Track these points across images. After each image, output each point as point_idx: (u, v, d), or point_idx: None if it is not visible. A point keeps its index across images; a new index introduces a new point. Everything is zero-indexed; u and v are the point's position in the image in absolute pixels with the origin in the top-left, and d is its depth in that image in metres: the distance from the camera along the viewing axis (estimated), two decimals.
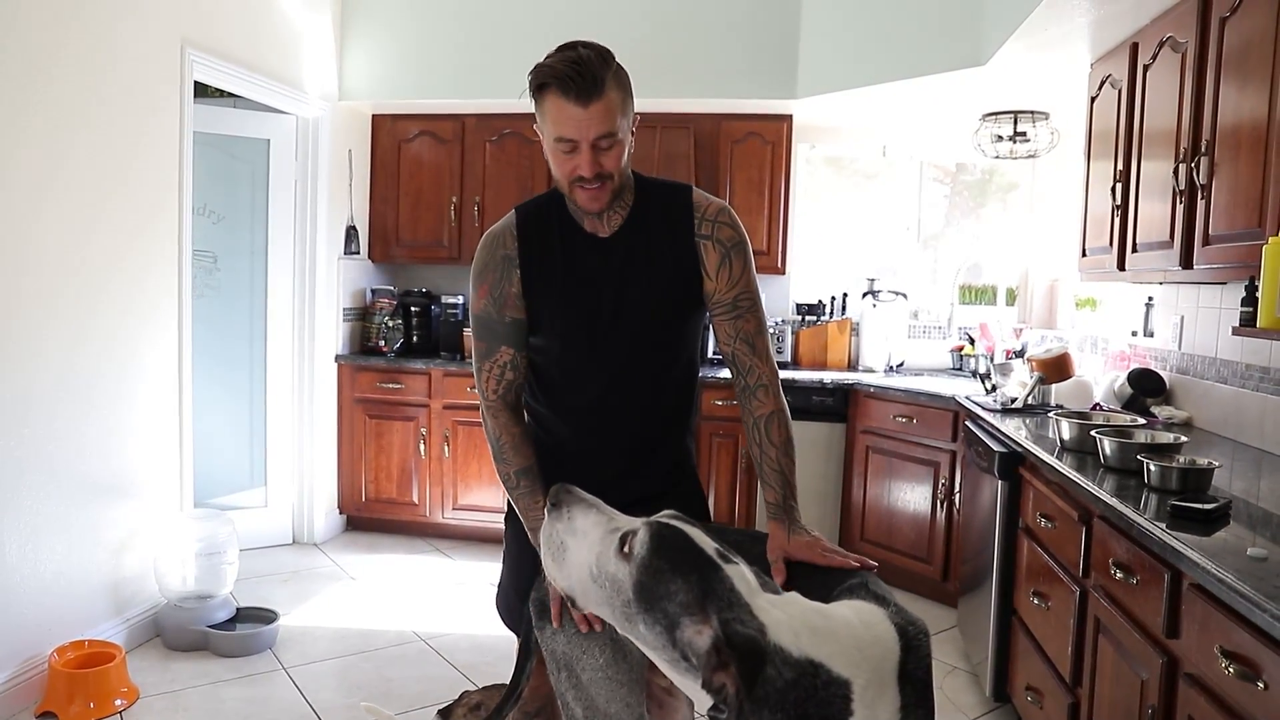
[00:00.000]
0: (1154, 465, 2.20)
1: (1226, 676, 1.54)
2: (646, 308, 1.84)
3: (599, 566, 1.27)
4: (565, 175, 1.74)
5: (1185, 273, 2.70)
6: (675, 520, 1.28)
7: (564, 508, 1.36)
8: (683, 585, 1.18)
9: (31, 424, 2.98)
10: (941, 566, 4.06)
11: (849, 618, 1.25)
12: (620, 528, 1.29)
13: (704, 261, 1.82)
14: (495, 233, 1.86)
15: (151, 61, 3.48)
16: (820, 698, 1.15)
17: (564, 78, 1.65)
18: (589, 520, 1.33)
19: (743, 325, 1.83)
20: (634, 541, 1.24)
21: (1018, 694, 2.88)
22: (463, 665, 3.39)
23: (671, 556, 1.21)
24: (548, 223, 1.83)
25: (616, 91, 1.68)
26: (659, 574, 1.20)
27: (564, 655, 1.69)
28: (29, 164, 2.93)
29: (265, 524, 4.72)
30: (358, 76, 4.89)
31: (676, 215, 1.83)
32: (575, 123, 1.67)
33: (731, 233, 1.83)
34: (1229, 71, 2.45)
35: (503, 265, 1.83)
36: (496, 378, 1.86)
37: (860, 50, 4.21)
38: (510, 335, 1.85)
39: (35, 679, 2.97)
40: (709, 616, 1.16)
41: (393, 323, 5.04)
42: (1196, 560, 1.65)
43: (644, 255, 1.82)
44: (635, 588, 1.21)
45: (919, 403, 4.18)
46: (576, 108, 1.65)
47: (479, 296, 1.85)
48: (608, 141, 1.69)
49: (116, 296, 3.35)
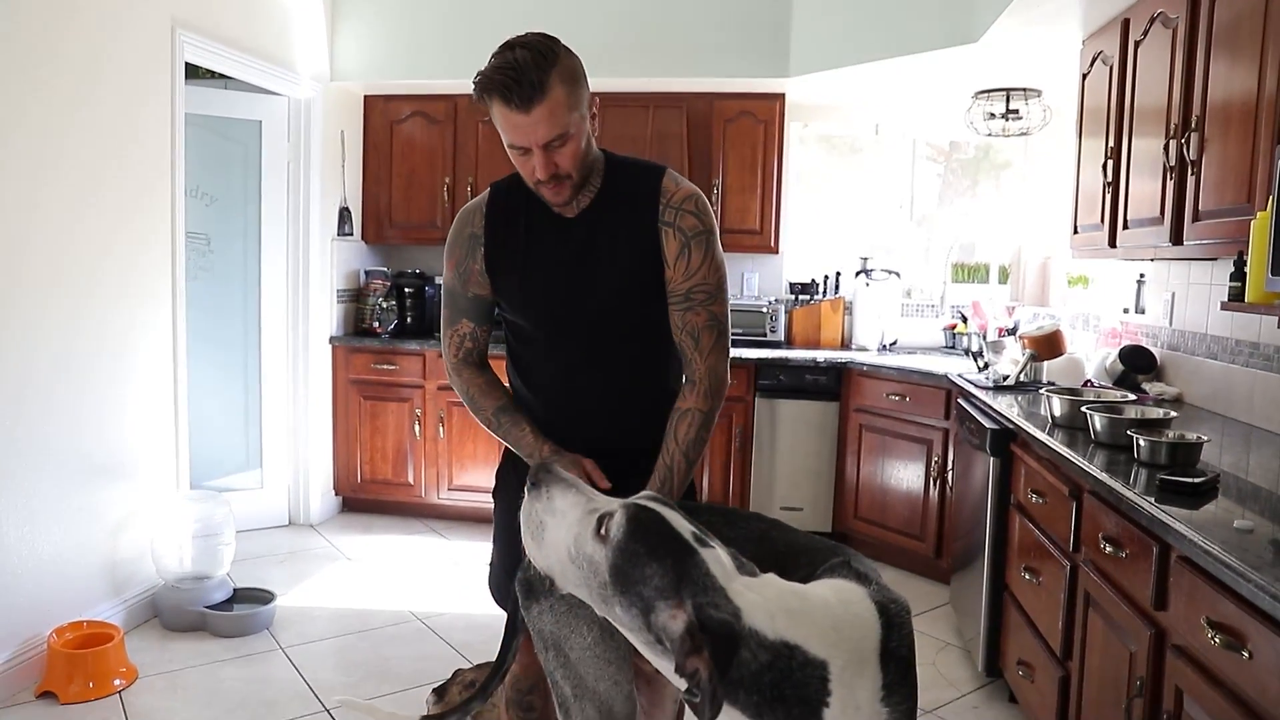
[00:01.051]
0: (1143, 440, 2.22)
1: (1213, 647, 1.56)
2: (606, 289, 1.82)
3: (576, 548, 1.27)
4: (526, 176, 1.75)
5: (1175, 249, 2.71)
6: (652, 503, 1.28)
7: (543, 487, 1.36)
8: (658, 569, 1.17)
9: (27, 406, 2.98)
10: (934, 544, 4.09)
11: (827, 598, 1.25)
12: (599, 509, 1.28)
13: (664, 249, 1.80)
14: (468, 209, 1.90)
15: (142, 42, 3.46)
16: (796, 679, 1.15)
17: (502, 86, 1.63)
18: (567, 500, 1.32)
19: (691, 318, 1.80)
20: (610, 524, 1.24)
21: (1009, 668, 2.91)
22: (459, 644, 3.42)
23: (647, 540, 1.20)
24: (517, 203, 1.84)
25: (562, 87, 1.65)
26: (635, 557, 1.19)
27: (551, 634, 1.69)
28: (19, 147, 2.91)
29: (261, 506, 4.74)
30: (349, 57, 4.86)
31: (642, 199, 1.81)
32: (521, 130, 1.66)
33: (695, 222, 1.79)
34: (1219, 47, 2.46)
35: (469, 243, 1.87)
36: (457, 345, 1.93)
37: (852, 28, 4.20)
38: (471, 309, 1.91)
39: (34, 659, 2.99)
40: (683, 601, 1.15)
41: (386, 304, 5.04)
42: (1184, 533, 1.67)
43: (605, 237, 1.81)
44: (611, 571, 1.21)
45: (912, 381, 4.20)
46: (519, 115, 1.63)
47: (448, 269, 1.91)
48: (559, 141, 1.67)
49: (110, 279, 3.34)
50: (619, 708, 1.68)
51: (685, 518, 1.26)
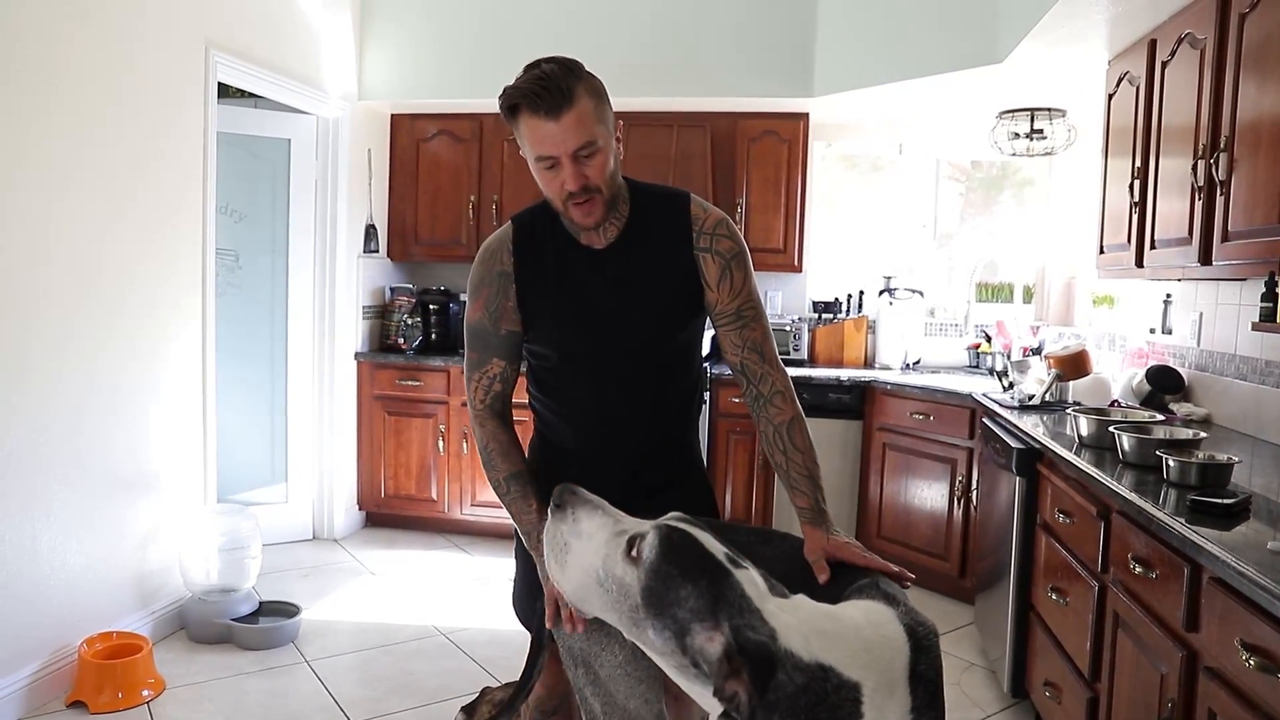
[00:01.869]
0: (1173, 461, 2.20)
1: (1247, 669, 1.55)
2: (645, 320, 1.83)
3: (605, 569, 1.25)
4: (555, 194, 1.73)
5: (1204, 269, 2.70)
6: (683, 523, 1.26)
7: (568, 509, 1.33)
8: (693, 591, 1.16)
9: (57, 419, 3.03)
10: (958, 563, 4.07)
11: (857, 619, 1.25)
12: (627, 530, 1.26)
13: (704, 274, 1.81)
14: (492, 248, 1.86)
15: (176, 62, 3.53)
16: (830, 702, 1.14)
17: (531, 95, 1.64)
18: (594, 522, 1.30)
19: (749, 334, 1.82)
20: (642, 545, 1.22)
21: (1035, 689, 2.89)
22: (482, 659, 3.43)
23: (681, 561, 1.19)
24: (543, 236, 1.83)
25: (589, 99, 1.67)
26: (668, 579, 1.18)
27: (581, 652, 1.69)
28: (53, 163, 2.97)
29: (286, 520, 4.77)
30: (377, 77, 4.93)
31: (674, 227, 1.82)
32: (551, 138, 1.65)
33: (731, 244, 1.82)
34: (1248, 68, 2.45)
35: (499, 281, 1.83)
36: (485, 388, 1.86)
37: (877, 48, 4.22)
38: (504, 348, 1.85)
39: (65, 669, 3.02)
40: (720, 623, 1.14)
41: (411, 320, 5.08)
42: (1217, 554, 1.66)
43: (640, 268, 1.81)
44: (644, 593, 1.20)
45: (936, 400, 4.19)
46: (549, 123, 1.64)
47: (475, 308, 1.85)
48: (588, 150, 1.67)
49: (141, 294, 3.39)
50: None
51: (717, 538, 1.25)
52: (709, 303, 1.83)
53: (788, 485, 1.80)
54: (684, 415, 1.99)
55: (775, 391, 1.80)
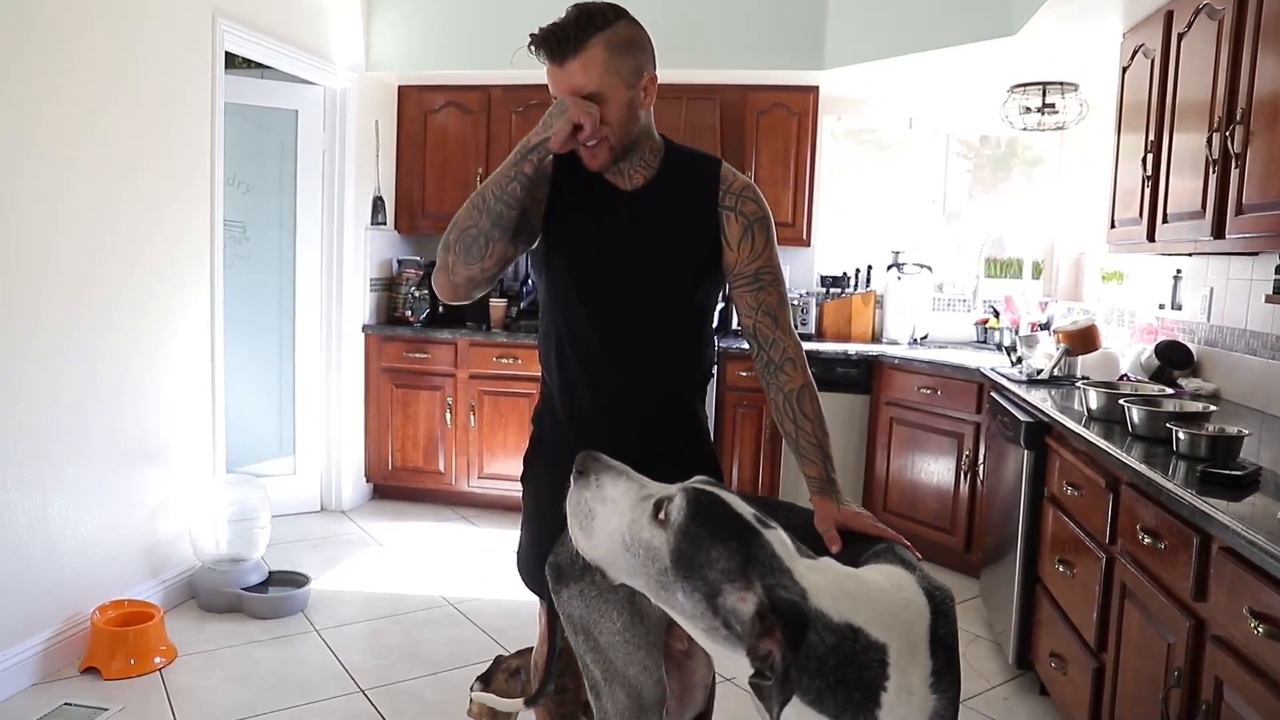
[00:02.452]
0: (1183, 433, 2.20)
1: (1255, 637, 1.56)
2: (662, 265, 1.83)
3: (631, 534, 1.24)
4: None
5: (1217, 243, 2.69)
6: (710, 485, 1.26)
7: (591, 475, 1.32)
8: (724, 551, 1.16)
9: (67, 390, 3.04)
10: (964, 537, 4.08)
11: (880, 582, 1.26)
12: (653, 494, 1.26)
13: (725, 231, 1.82)
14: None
15: (183, 31, 3.51)
16: (859, 662, 1.15)
17: (540, 40, 1.68)
18: (619, 487, 1.29)
19: (764, 298, 1.82)
20: (670, 508, 1.21)
21: (1041, 661, 2.91)
22: (491, 629, 3.45)
23: (711, 522, 1.18)
24: (578, 166, 1.82)
25: (603, 50, 1.67)
26: (698, 540, 1.17)
27: (581, 619, 1.69)
28: (61, 135, 2.96)
29: (294, 491, 4.80)
30: (384, 47, 4.90)
31: (702, 183, 1.84)
32: (556, 82, 1.70)
33: (755, 208, 1.84)
34: (1268, 39, 2.43)
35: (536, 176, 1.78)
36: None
37: (888, 20, 4.19)
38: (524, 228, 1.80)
39: (78, 636, 3.05)
40: (752, 583, 1.14)
41: (419, 293, 5.08)
42: (1227, 523, 1.67)
43: (663, 214, 1.82)
44: (673, 554, 1.19)
45: (943, 374, 4.19)
46: (555, 67, 1.69)
47: None
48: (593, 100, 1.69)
49: (149, 266, 3.39)
50: (648, 692, 1.69)
51: (744, 499, 1.25)
52: (728, 264, 1.83)
53: (797, 454, 1.80)
54: (692, 380, 1.98)
55: (786, 358, 1.80)
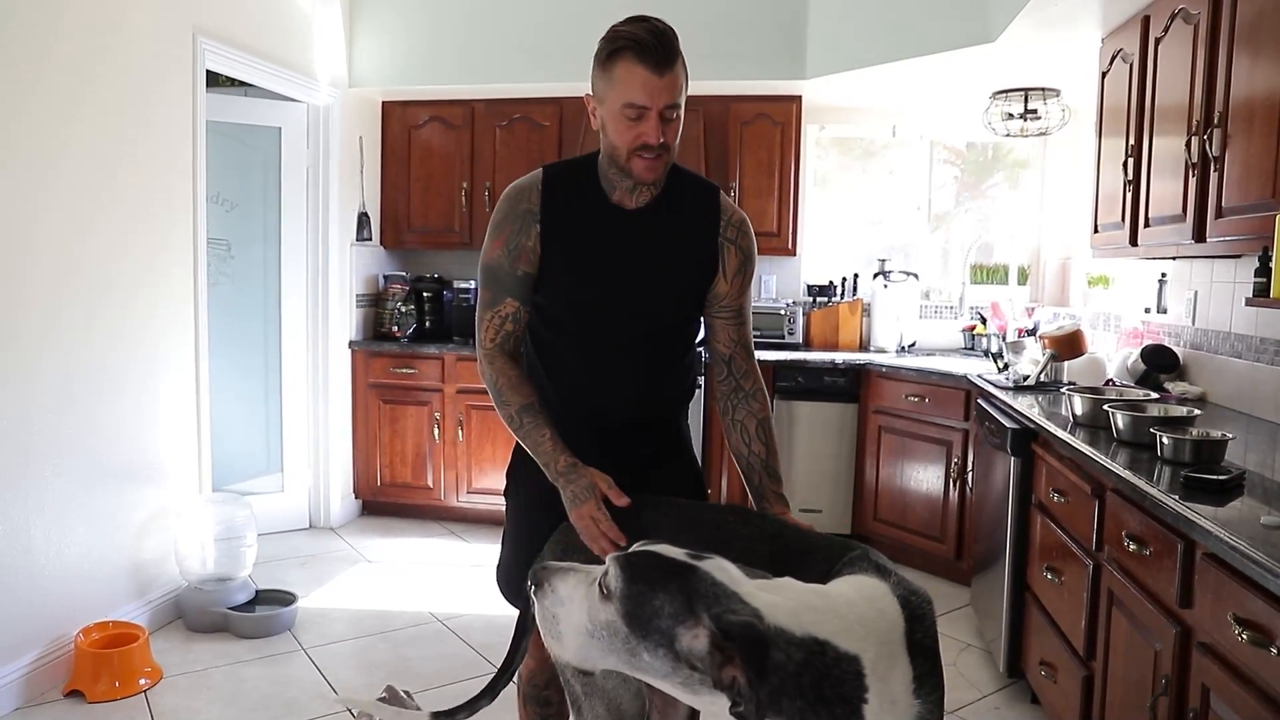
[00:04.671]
0: (1167, 438, 2.20)
1: (1240, 644, 1.55)
2: (658, 285, 1.86)
3: (591, 621, 1.26)
4: (627, 143, 1.73)
5: (1198, 246, 2.70)
6: (642, 546, 1.28)
7: (546, 584, 1.33)
8: (666, 597, 1.17)
9: (51, 409, 3.02)
10: (954, 545, 4.07)
11: (848, 594, 1.25)
12: (596, 577, 1.28)
13: (724, 262, 1.88)
14: (521, 186, 1.87)
15: (163, 50, 3.50)
16: (833, 676, 1.14)
17: (644, 44, 1.68)
18: (569, 585, 1.30)
19: (744, 332, 1.92)
20: (608, 580, 1.23)
21: (1031, 669, 2.90)
22: (478, 645, 3.43)
23: (646, 576, 1.20)
24: (574, 186, 1.84)
25: (682, 68, 1.74)
26: (640, 597, 1.19)
27: None
28: (37, 151, 2.94)
29: (282, 509, 4.77)
30: (367, 64, 4.90)
31: (705, 209, 1.88)
32: (649, 89, 1.69)
33: (751, 244, 1.91)
34: (1242, 42, 2.44)
35: (523, 219, 1.83)
36: (496, 328, 1.87)
37: (869, 29, 4.20)
38: (518, 288, 1.86)
39: (62, 658, 3.02)
40: (699, 616, 1.15)
41: (405, 308, 5.06)
42: (1210, 529, 1.66)
43: (668, 237, 1.85)
44: (625, 619, 1.20)
45: (931, 382, 4.19)
46: (652, 74, 1.68)
47: (494, 246, 1.86)
48: (672, 113, 1.72)
49: (127, 284, 3.37)
50: (627, 704, 1.70)
51: (675, 548, 1.26)
52: (717, 293, 1.90)
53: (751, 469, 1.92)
54: (676, 395, 2.02)
55: (757, 388, 1.93)
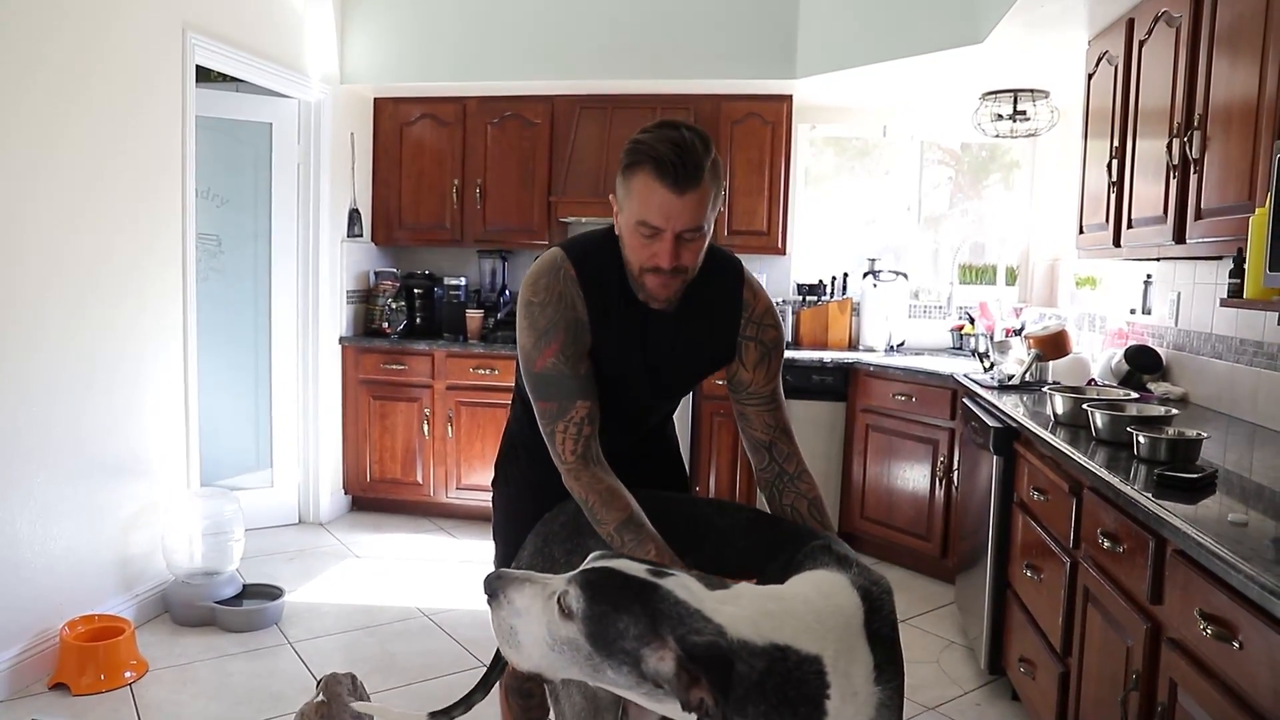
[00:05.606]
0: (1143, 437, 2.22)
1: (1205, 639, 1.57)
2: (680, 376, 1.90)
3: (551, 635, 1.25)
4: (640, 260, 1.66)
5: (1179, 247, 2.72)
6: (601, 561, 1.27)
7: (500, 594, 1.31)
8: (630, 619, 1.17)
9: (32, 403, 3.02)
10: (940, 543, 4.09)
11: (805, 593, 1.27)
12: (555, 590, 1.27)
13: (742, 356, 1.83)
14: (558, 290, 1.72)
15: (153, 45, 3.51)
16: (796, 678, 1.16)
17: (664, 161, 1.56)
18: (525, 596, 1.29)
19: (779, 416, 1.84)
20: (568, 600, 1.23)
21: (1011, 666, 2.92)
22: (465, 640, 3.44)
23: (608, 596, 1.20)
24: (607, 282, 1.74)
25: (712, 182, 1.61)
26: (604, 618, 1.19)
27: None
28: (25, 147, 2.95)
29: (271, 504, 4.78)
30: (359, 60, 4.91)
31: (727, 306, 1.83)
32: (665, 210, 1.58)
33: (775, 334, 1.85)
34: (1222, 46, 2.46)
35: (575, 328, 1.72)
36: (574, 437, 1.71)
37: (859, 29, 4.22)
38: (583, 388, 1.73)
39: (47, 652, 3.03)
40: (664, 638, 1.15)
41: (396, 305, 5.07)
42: (1179, 526, 1.68)
43: (689, 336, 1.81)
44: (589, 639, 1.20)
45: (918, 381, 4.21)
46: (670, 194, 1.57)
47: (546, 355, 1.71)
48: (692, 234, 1.62)
49: (116, 279, 3.38)
50: (603, 693, 1.71)
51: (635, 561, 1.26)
52: (740, 380, 1.85)
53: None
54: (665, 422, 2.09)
55: (801, 469, 1.82)
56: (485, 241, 5.12)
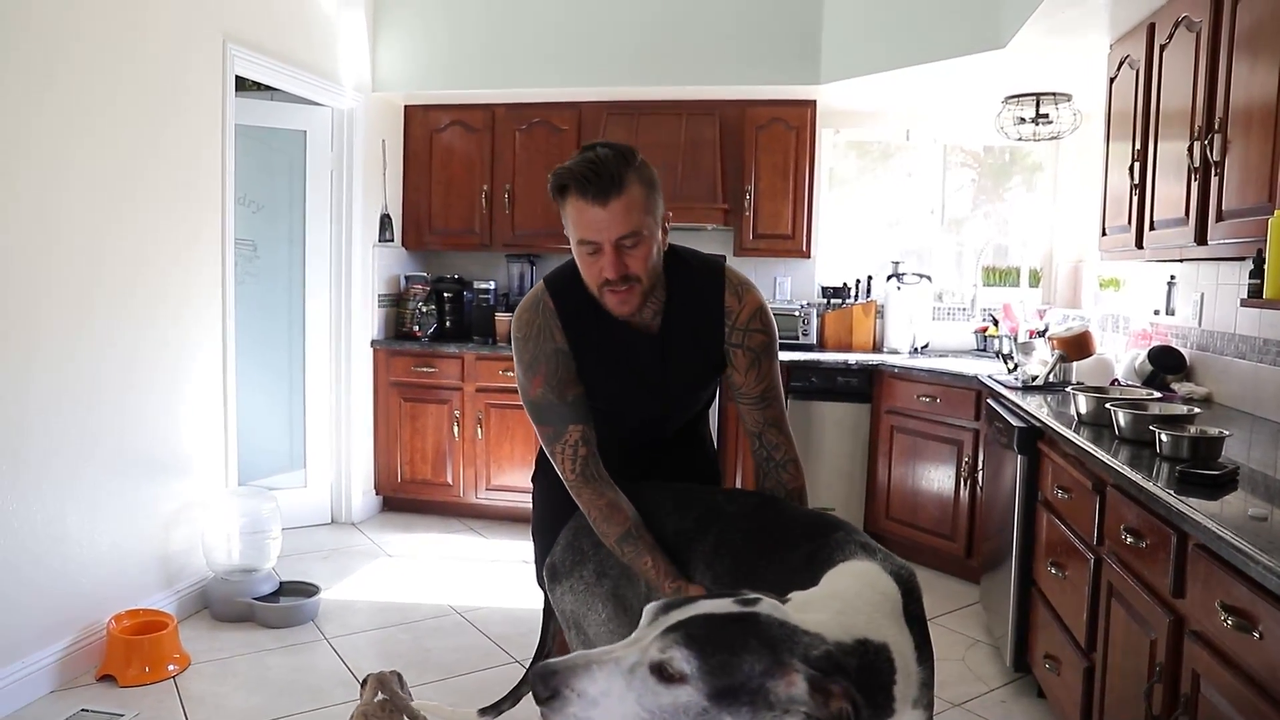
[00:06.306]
0: (1165, 435, 2.26)
1: (1226, 630, 1.61)
2: (680, 392, 1.96)
3: (646, 709, 1.13)
4: (593, 279, 1.73)
5: (1200, 249, 2.75)
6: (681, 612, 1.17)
7: (563, 690, 1.14)
8: (752, 658, 1.12)
9: (83, 402, 3.13)
10: (965, 543, 4.13)
11: (854, 586, 1.32)
12: (635, 660, 1.14)
13: (732, 363, 1.89)
14: (538, 324, 1.83)
15: (194, 56, 3.62)
16: (875, 668, 1.19)
17: (580, 178, 1.64)
18: (598, 682, 1.14)
19: (770, 413, 1.89)
20: (673, 664, 1.11)
21: (1037, 663, 2.95)
22: (497, 636, 3.52)
23: (722, 643, 1.12)
24: (587, 309, 1.82)
25: (639, 187, 1.67)
26: (726, 667, 1.11)
27: (572, 613, 1.83)
28: (70, 155, 3.05)
29: (304, 504, 4.88)
30: (390, 68, 5.01)
31: (709, 316, 1.86)
32: (595, 224, 1.66)
33: (763, 338, 1.87)
34: (1241, 50, 2.50)
35: (556, 358, 1.82)
36: (571, 456, 1.82)
37: (881, 35, 4.27)
38: (575, 413, 1.84)
39: (95, 644, 3.13)
40: (787, 664, 1.12)
41: (426, 308, 5.16)
42: (1200, 521, 1.72)
43: (677, 351, 1.88)
44: (713, 696, 1.11)
45: (942, 382, 4.25)
46: (596, 208, 1.65)
47: (534, 386, 1.83)
48: (631, 240, 1.68)
49: (163, 283, 3.49)
50: None
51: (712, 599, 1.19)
52: (734, 382, 1.91)
53: None
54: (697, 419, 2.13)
55: (789, 459, 1.89)
56: (514, 246, 5.20)
